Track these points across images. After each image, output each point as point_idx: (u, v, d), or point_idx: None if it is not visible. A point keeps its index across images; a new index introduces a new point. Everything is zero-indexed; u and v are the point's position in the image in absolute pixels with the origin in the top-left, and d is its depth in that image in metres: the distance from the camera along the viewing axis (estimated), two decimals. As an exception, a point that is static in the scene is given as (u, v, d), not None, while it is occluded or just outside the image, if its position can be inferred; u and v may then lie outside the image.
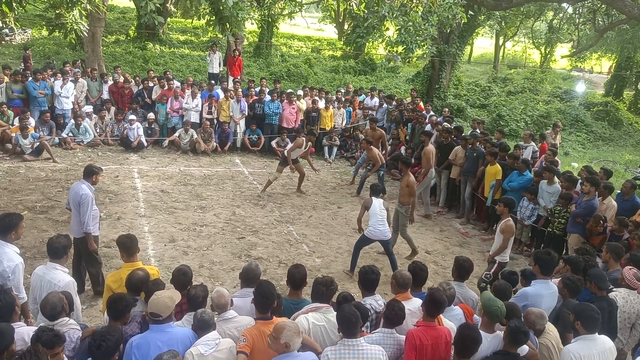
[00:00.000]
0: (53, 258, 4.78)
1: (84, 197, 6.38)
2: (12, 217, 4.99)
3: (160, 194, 10.65)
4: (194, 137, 13.48)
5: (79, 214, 6.43)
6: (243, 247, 8.79)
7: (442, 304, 4.42)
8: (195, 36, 31.00)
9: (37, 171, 11.15)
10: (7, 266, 4.75)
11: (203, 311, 4.11)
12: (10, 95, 12.69)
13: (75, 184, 6.63)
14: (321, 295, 4.56)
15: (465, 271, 5.48)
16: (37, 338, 3.51)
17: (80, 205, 6.38)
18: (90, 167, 6.69)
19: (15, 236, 4.97)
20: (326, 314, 4.46)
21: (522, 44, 45.09)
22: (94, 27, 15.89)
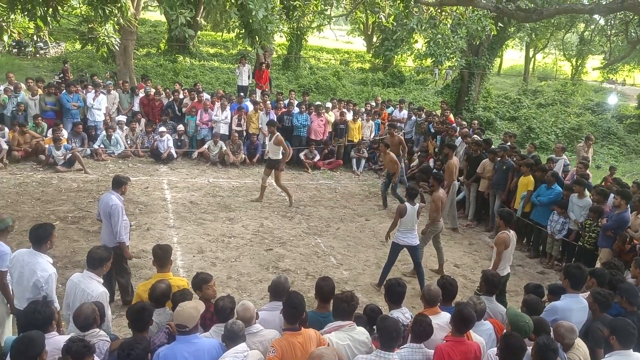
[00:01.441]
0: (90, 268, 4.81)
1: (114, 207, 6.44)
2: (46, 227, 5.06)
3: (190, 205, 10.73)
4: (223, 149, 13.59)
5: (109, 224, 6.50)
6: (271, 258, 8.77)
7: (470, 320, 4.31)
8: (225, 49, 31.43)
9: (69, 182, 11.36)
10: (40, 276, 4.81)
11: (234, 322, 4.07)
12: (43, 108, 13.02)
13: (105, 194, 6.71)
14: (343, 312, 4.49)
15: (494, 285, 5.37)
16: (68, 349, 3.52)
17: (111, 216, 6.44)
18: (118, 177, 6.77)
19: (49, 246, 5.04)
20: (350, 332, 4.38)
21: (553, 56, 44.44)
22: (125, 41, 16.22)
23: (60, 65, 20.07)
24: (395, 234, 8.00)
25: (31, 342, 3.48)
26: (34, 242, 4.98)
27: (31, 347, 3.46)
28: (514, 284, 8.69)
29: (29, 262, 4.89)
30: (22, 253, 5.02)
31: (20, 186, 10.80)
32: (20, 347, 3.43)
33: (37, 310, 3.89)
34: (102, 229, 6.79)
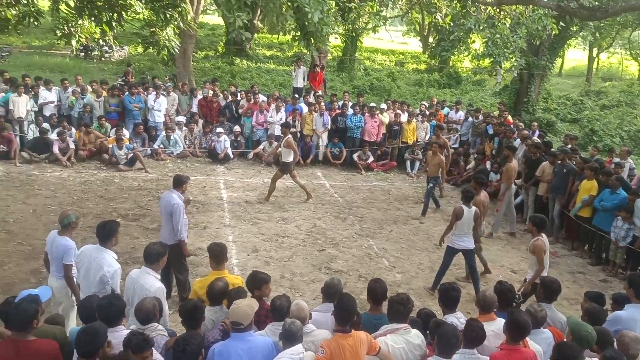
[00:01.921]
0: (147, 263, 4.95)
1: (175, 206, 6.60)
2: (112, 224, 5.26)
3: (245, 205, 10.90)
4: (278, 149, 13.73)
5: (170, 222, 6.66)
6: (323, 259, 8.79)
7: (525, 327, 4.16)
8: (281, 51, 31.80)
9: (130, 180, 11.78)
10: (107, 271, 5.00)
11: (292, 322, 4.05)
12: (107, 109, 13.59)
13: (166, 193, 6.88)
14: (399, 314, 4.42)
15: (553, 292, 5.16)
16: (128, 342, 3.63)
17: (173, 215, 6.60)
18: (179, 176, 6.94)
19: (114, 242, 5.24)
20: (405, 335, 4.32)
21: (619, 55, 42.40)
22: (185, 44, 16.66)
23: (123, 68, 20.90)
24: (451, 238, 7.84)
25: (95, 333, 3.61)
26: (100, 238, 5.17)
27: (96, 338, 3.59)
28: (574, 292, 8.36)
29: (96, 258, 5.09)
30: (88, 249, 5.23)
31: (85, 184, 11.29)
32: (86, 337, 3.56)
33: (112, 304, 4.04)
34: (162, 226, 6.98)
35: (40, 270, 7.32)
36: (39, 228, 8.90)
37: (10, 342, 3.68)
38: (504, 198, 10.40)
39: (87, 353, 3.55)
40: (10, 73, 14.59)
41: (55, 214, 9.23)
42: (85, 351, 3.55)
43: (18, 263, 7.77)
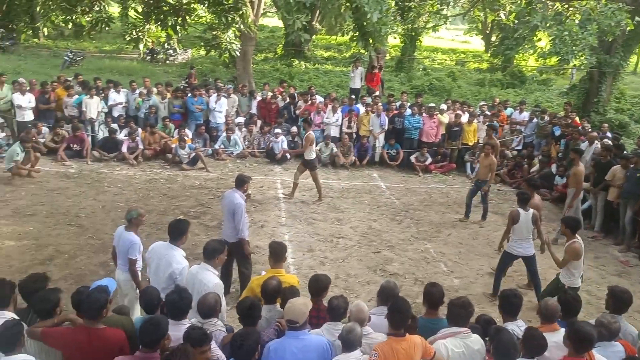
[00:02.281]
0: (206, 259, 5.10)
1: (238, 205, 6.78)
2: (184, 223, 5.51)
3: (301, 205, 11.01)
4: (333, 150, 13.80)
5: (233, 220, 6.83)
6: (379, 261, 8.75)
7: (590, 340, 3.98)
8: (339, 52, 31.87)
9: (192, 179, 12.15)
10: (175, 268, 5.21)
11: (351, 330, 3.97)
12: (171, 110, 14.08)
13: (228, 192, 7.06)
14: (459, 318, 4.35)
15: (624, 304, 4.91)
16: (188, 336, 3.76)
17: (235, 214, 6.77)
18: (241, 176, 7.13)
19: (184, 240, 5.47)
20: (465, 339, 4.25)
21: (700, 52, 39.74)
22: (245, 46, 17.01)
23: (187, 71, 21.55)
24: (509, 243, 7.62)
25: (158, 325, 3.77)
26: (172, 235, 5.40)
27: (158, 329, 3.74)
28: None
29: (166, 255, 5.31)
30: (159, 246, 5.47)
31: (149, 182, 11.76)
32: (150, 327, 3.73)
33: (182, 297, 4.20)
34: (224, 224, 7.17)
35: (109, 263, 7.69)
36: (108, 223, 9.35)
37: (84, 329, 3.90)
38: (574, 203, 9.97)
39: (150, 343, 3.71)
40: (84, 76, 15.38)
41: (122, 210, 9.66)
42: (149, 341, 3.71)
43: (88, 256, 8.20)
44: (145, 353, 3.71)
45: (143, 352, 3.72)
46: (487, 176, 10.47)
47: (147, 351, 3.71)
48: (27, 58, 25.25)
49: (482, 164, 10.67)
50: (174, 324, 4.14)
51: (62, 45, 29.21)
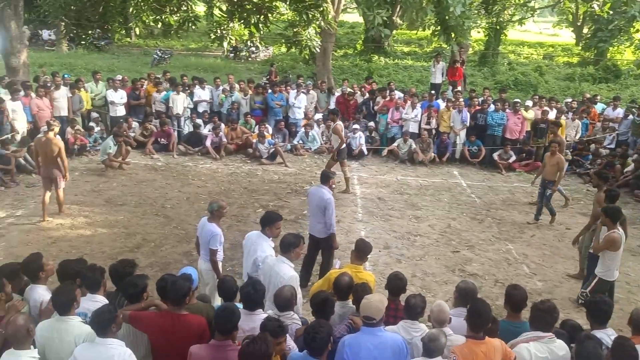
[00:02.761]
0: (282, 252, 5.20)
1: (328, 201, 6.88)
2: (274, 215, 5.79)
3: (377, 201, 10.95)
4: (412, 147, 13.60)
5: (321, 216, 6.93)
6: (457, 261, 8.53)
7: None
8: (419, 47, 31.35)
9: (271, 174, 12.41)
10: (259, 255, 5.46)
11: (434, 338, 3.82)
12: (252, 106, 14.45)
13: (315, 189, 7.19)
14: (543, 322, 4.15)
15: None
16: (264, 326, 3.84)
17: (326, 210, 6.88)
18: (326, 172, 7.28)
19: (275, 231, 5.70)
20: (549, 344, 4.05)
21: None
22: (325, 43, 17.13)
23: (268, 68, 22.05)
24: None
25: (233, 312, 3.88)
26: (262, 224, 5.69)
27: (233, 316, 3.85)
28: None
29: (254, 242, 5.63)
30: (252, 234, 5.79)
31: (231, 176, 12.13)
32: (225, 315, 3.84)
33: (256, 289, 4.31)
34: (311, 220, 7.29)
35: (192, 253, 8.02)
36: (192, 214, 9.75)
37: (168, 314, 4.09)
38: None
39: (225, 330, 3.82)
40: (171, 73, 16.12)
41: (205, 202, 10.03)
42: (224, 328, 3.82)
43: (173, 245, 8.59)
44: (220, 340, 3.82)
45: (218, 339, 3.83)
46: (555, 176, 9.86)
47: (222, 338, 3.82)
48: (120, 56, 26.87)
49: (548, 163, 10.01)
50: (247, 314, 4.25)
51: (151, 43, 30.83)
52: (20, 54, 13.24)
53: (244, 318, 4.19)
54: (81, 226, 9.17)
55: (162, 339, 4.07)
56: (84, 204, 10.08)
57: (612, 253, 6.45)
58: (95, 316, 3.70)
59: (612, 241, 6.37)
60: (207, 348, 3.84)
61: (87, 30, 14.20)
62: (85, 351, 3.68)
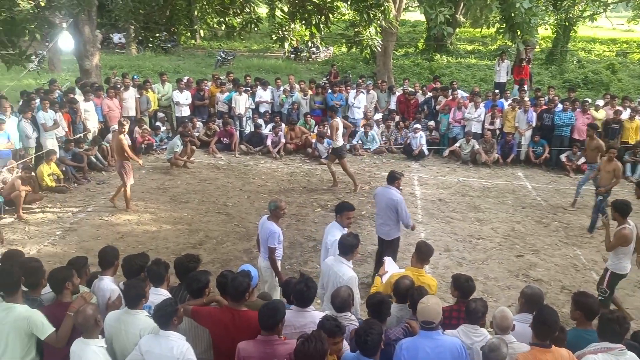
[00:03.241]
0: (341, 253, 5.18)
1: (399, 201, 6.93)
2: (347, 204, 6.19)
3: (438, 203, 10.76)
4: (475, 147, 13.26)
5: (392, 216, 6.97)
6: (521, 265, 8.25)
7: None
8: (483, 45, 30.57)
9: (330, 174, 12.42)
10: (329, 240, 5.78)
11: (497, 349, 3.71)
12: (312, 106, 14.53)
13: (383, 189, 7.22)
14: (613, 333, 3.94)
15: None
16: (322, 325, 3.85)
17: (399, 210, 6.93)
18: (393, 172, 7.25)
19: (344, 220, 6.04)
20: (619, 357, 3.84)
21: None
22: (386, 42, 16.98)
23: (328, 68, 22.14)
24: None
25: (276, 309, 3.91)
26: (336, 213, 6.19)
27: (276, 313, 3.89)
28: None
29: (329, 231, 6.02)
30: (330, 225, 6.14)
31: (291, 175, 12.26)
32: (268, 312, 3.89)
33: (309, 287, 4.33)
34: (377, 221, 7.33)
35: (252, 250, 8.18)
36: (252, 212, 9.93)
37: (228, 310, 4.18)
38: None
39: (267, 326, 3.88)
40: (234, 74, 16.47)
41: (265, 200, 10.20)
42: (266, 324, 3.88)
43: (234, 242, 8.78)
44: (265, 336, 3.89)
45: (264, 335, 3.90)
46: (609, 182, 9.23)
47: (267, 334, 3.88)
48: (185, 58, 27.72)
49: (604, 169, 9.36)
50: (299, 311, 4.28)
51: (215, 45, 31.63)
52: (93, 56, 13.92)
53: (295, 315, 4.24)
54: (147, 222, 9.53)
55: (222, 334, 4.16)
56: (150, 200, 10.47)
57: (624, 247, 6.34)
58: (158, 309, 3.83)
59: (623, 237, 6.28)
60: (254, 343, 3.90)
61: (155, 33, 14.77)
62: (147, 342, 3.85)
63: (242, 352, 3.90)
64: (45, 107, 11.16)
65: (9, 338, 4.00)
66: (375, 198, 7.43)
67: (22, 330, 4.00)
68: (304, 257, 8.34)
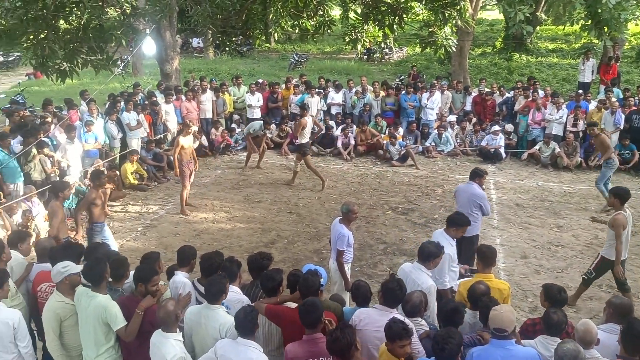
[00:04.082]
0: (421, 260, 5.05)
1: (483, 196, 7.06)
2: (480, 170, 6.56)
3: (515, 208, 10.36)
4: (555, 150, 12.64)
5: (475, 212, 7.01)
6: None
7: None
8: (566, 43, 29.14)
9: (401, 176, 12.28)
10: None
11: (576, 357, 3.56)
12: (384, 108, 14.42)
13: (465, 186, 7.23)
14: None
15: None
16: (389, 327, 3.81)
17: (483, 205, 7.03)
18: (477, 169, 7.27)
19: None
20: None
21: None
22: (462, 42, 16.58)
23: (401, 69, 21.94)
24: None
25: (315, 306, 3.96)
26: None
27: (315, 310, 3.94)
28: None
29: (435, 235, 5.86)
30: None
31: (361, 177, 12.22)
32: (307, 309, 3.96)
33: (401, 287, 4.31)
34: None
35: (322, 251, 8.23)
36: (322, 213, 9.99)
37: None
38: None
39: (309, 324, 3.95)
40: (307, 77, 16.65)
41: (335, 202, 10.24)
42: (308, 321, 3.94)
43: (304, 242, 8.86)
44: (310, 335, 3.94)
45: (308, 335, 3.95)
46: None
47: (311, 332, 3.94)
48: (260, 61, 28.39)
49: None
50: (385, 311, 4.25)
51: (289, 48, 32.15)
52: (173, 60, 14.54)
53: (381, 314, 4.21)
54: (222, 220, 9.82)
55: (295, 333, 4.21)
56: (225, 199, 10.78)
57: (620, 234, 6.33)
58: (240, 318, 3.89)
59: (619, 223, 6.30)
60: (300, 344, 3.95)
61: (231, 37, 15.18)
62: (224, 347, 3.90)
63: (290, 354, 3.95)
64: (129, 108, 11.78)
65: (93, 324, 4.27)
66: (456, 195, 7.37)
67: (100, 319, 4.26)
68: (373, 259, 8.29)
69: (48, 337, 4.46)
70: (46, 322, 4.45)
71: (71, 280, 4.45)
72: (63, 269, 4.42)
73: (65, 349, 4.48)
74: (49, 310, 4.43)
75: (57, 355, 4.48)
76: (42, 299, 4.77)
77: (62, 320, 4.42)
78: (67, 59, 10.81)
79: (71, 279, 4.44)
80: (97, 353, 4.31)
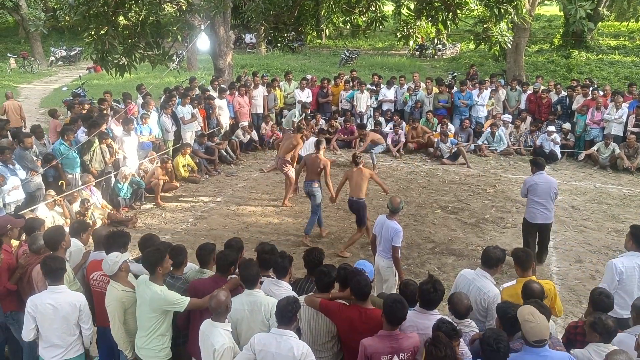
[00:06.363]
0: (485, 267, 4.91)
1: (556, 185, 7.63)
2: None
3: (570, 210, 10.01)
4: (615, 152, 12.12)
5: (552, 199, 7.55)
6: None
7: None
8: (630, 40, 27.89)
9: (452, 174, 12.08)
10: None
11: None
12: (436, 105, 14.18)
13: (537, 175, 7.56)
14: None
15: None
16: (437, 328, 3.80)
17: (557, 191, 7.61)
18: (540, 160, 7.81)
19: None
20: None
21: None
22: (518, 38, 16.13)
23: (454, 65, 21.57)
24: None
25: (403, 305, 3.92)
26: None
27: (404, 309, 3.91)
28: None
29: None
30: None
31: (410, 174, 12.09)
32: (396, 305, 3.91)
33: (436, 289, 4.25)
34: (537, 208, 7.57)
35: (368, 248, 8.18)
36: (369, 210, 9.85)
37: (355, 307, 4.27)
38: None
39: (395, 320, 3.93)
40: (358, 73, 16.60)
41: (382, 199, 10.16)
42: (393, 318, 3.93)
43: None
44: (388, 331, 3.93)
45: (387, 331, 3.93)
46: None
47: (391, 328, 3.92)
48: (311, 57, 28.50)
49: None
50: (423, 313, 4.21)
51: (340, 44, 32.14)
52: (226, 56, 14.79)
53: (419, 316, 4.19)
54: (270, 214, 9.94)
55: (348, 329, 4.24)
56: (273, 194, 10.90)
57: None
58: (281, 308, 3.92)
59: None
60: (380, 339, 3.92)
61: (283, 33, 15.35)
62: (262, 340, 3.92)
63: (370, 349, 3.93)
64: (185, 102, 12.08)
65: (147, 312, 4.44)
66: (532, 187, 7.55)
67: (156, 308, 4.41)
68: (421, 258, 8.19)
69: (114, 325, 4.63)
70: (111, 310, 4.61)
71: (125, 268, 4.62)
72: (114, 260, 4.55)
73: (129, 335, 4.67)
74: (114, 299, 4.58)
75: (123, 341, 4.67)
76: (96, 287, 4.95)
77: (126, 308, 4.60)
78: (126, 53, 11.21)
79: (125, 266, 4.61)
80: (147, 340, 4.47)
